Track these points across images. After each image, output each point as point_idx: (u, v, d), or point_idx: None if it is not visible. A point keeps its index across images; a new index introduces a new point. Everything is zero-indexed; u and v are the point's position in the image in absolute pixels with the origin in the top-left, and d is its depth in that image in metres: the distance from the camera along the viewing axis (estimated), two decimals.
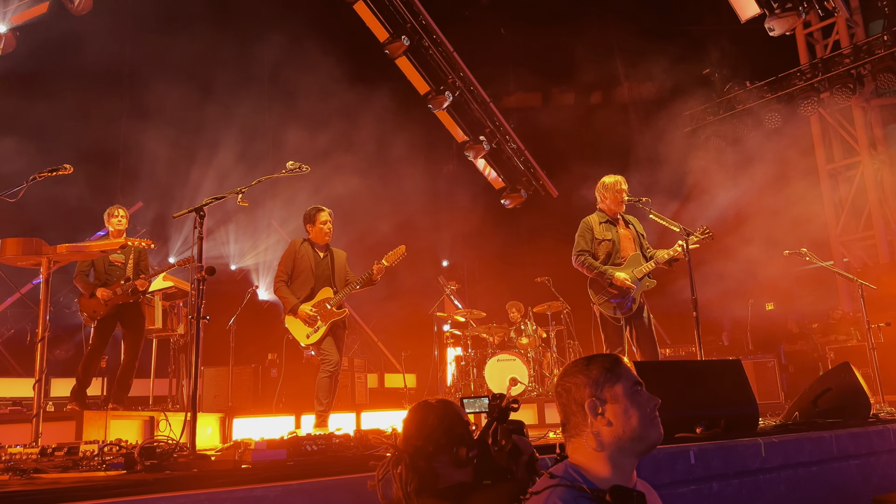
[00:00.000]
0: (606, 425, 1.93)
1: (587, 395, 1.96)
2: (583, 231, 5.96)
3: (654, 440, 1.95)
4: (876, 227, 12.33)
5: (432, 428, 2.24)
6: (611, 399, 1.95)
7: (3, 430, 5.29)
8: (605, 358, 2.02)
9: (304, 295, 6.10)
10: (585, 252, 5.88)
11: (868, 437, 4.38)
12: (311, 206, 6.32)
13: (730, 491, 3.54)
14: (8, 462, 3.44)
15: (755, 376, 9.31)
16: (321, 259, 6.26)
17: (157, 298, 7.61)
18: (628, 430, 1.92)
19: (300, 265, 6.19)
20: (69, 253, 4.84)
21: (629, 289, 5.68)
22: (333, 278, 6.23)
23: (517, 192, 13.59)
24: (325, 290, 6.13)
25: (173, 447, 3.52)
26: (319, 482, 2.55)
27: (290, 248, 6.29)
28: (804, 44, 13.13)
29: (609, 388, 1.95)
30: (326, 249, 6.33)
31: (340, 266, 6.33)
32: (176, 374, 8.06)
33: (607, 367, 1.98)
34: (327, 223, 6.26)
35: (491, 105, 12.81)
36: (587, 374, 1.99)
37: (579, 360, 2.06)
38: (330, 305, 6.07)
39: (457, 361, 9.70)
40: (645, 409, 1.94)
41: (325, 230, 6.24)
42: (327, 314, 6.06)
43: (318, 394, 5.99)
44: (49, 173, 4.91)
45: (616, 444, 1.92)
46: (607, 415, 1.94)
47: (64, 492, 2.39)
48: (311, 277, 6.14)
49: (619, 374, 1.97)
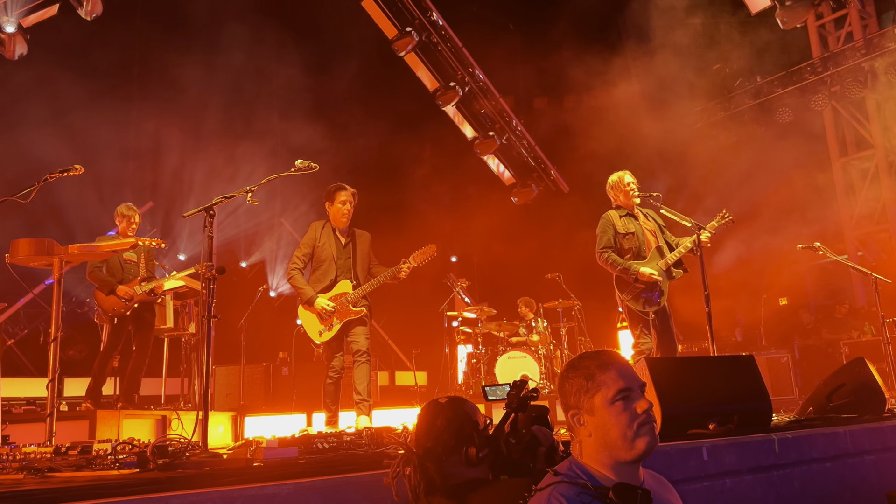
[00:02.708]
0: (588, 436, 1.90)
1: (571, 404, 1.94)
2: (604, 227, 5.84)
3: (640, 451, 1.86)
4: (890, 221, 12.22)
5: (441, 429, 2.23)
6: (588, 411, 1.90)
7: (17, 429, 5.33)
8: (590, 363, 1.94)
9: (324, 286, 5.64)
10: (608, 248, 5.77)
11: (883, 433, 4.34)
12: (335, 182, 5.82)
13: (743, 487, 3.52)
14: (22, 461, 3.47)
15: (768, 372, 9.25)
16: (343, 246, 5.73)
17: (168, 298, 7.64)
18: (608, 443, 1.87)
19: (320, 253, 5.68)
20: (81, 253, 4.87)
21: (656, 282, 5.64)
22: (355, 268, 5.70)
23: (528, 188, 13.55)
24: (344, 282, 5.65)
25: (185, 446, 3.54)
26: (331, 480, 2.54)
27: (309, 233, 5.77)
28: (816, 36, 13.01)
29: (588, 399, 1.90)
30: (349, 234, 5.79)
31: (363, 253, 5.78)
32: (188, 373, 8.10)
33: (588, 376, 1.91)
34: (346, 203, 5.70)
35: (501, 101, 12.78)
36: (571, 381, 1.94)
37: (572, 360, 2.01)
38: (347, 301, 5.61)
39: (468, 359, 9.69)
40: (624, 423, 1.85)
41: (343, 211, 5.69)
42: (344, 311, 5.61)
43: (325, 399, 5.75)
44: (60, 174, 4.94)
45: (600, 453, 1.89)
46: (588, 426, 1.90)
47: (77, 490, 2.40)
48: (332, 267, 5.65)
49: (601, 384, 1.89)
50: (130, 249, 6.31)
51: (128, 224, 6.66)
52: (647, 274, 5.59)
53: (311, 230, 5.79)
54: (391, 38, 11.55)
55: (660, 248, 5.78)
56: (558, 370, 9.22)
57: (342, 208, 5.69)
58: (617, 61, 11.72)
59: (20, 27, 8.73)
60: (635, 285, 5.66)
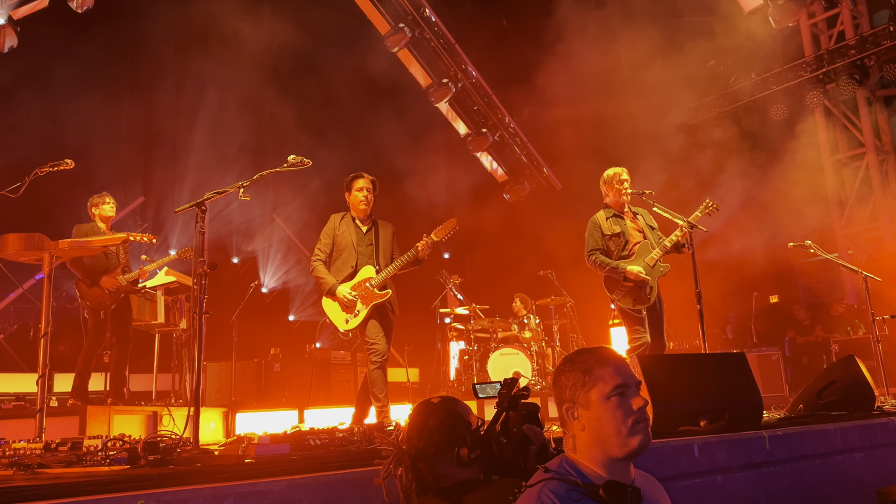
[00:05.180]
0: (581, 430, 1.90)
1: (566, 397, 1.94)
2: (591, 231, 5.90)
3: (633, 448, 1.87)
4: (881, 219, 12.29)
5: (433, 430, 2.22)
6: (583, 405, 1.90)
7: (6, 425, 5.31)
8: (587, 358, 1.95)
9: (346, 274, 5.51)
10: (596, 251, 5.82)
11: (872, 430, 4.37)
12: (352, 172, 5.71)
13: (734, 484, 3.53)
14: (12, 457, 3.45)
15: (759, 369, 9.30)
16: (364, 234, 5.61)
17: (159, 293, 7.61)
18: (602, 438, 1.87)
19: (340, 242, 5.58)
20: (71, 248, 4.85)
21: (644, 280, 5.67)
22: (377, 255, 5.56)
23: (521, 185, 13.57)
24: (366, 268, 5.51)
25: (176, 442, 3.52)
26: (323, 476, 2.54)
27: (328, 224, 5.68)
28: (809, 35, 13.05)
29: (584, 392, 1.90)
30: (371, 222, 5.68)
31: (386, 241, 5.66)
32: (179, 370, 8.07)
33: (585, 371, 1.92)
34: (363, 191, 5.57)
35: (493, 97, 12.77)
36: (568, 375, 1.95)
37: (569, 355, 2.02)
38: (371, 286, 5.44)
39: (460, 355, 9.70)
40: (618, 418, 1.86)
41: (360, 198, 5.57)
42: (369, 296, 5.43)
43: (373, 389, 5.35)
44: (51, 168, 4.91)
45: (592, 449, 1.89)
46: (582, 420, 1.90)
47: (68, 486, 2.38)
48: (353, 254, 5.53)
49: (597, 379, 1.90)
50: (122, 244, 6.27)
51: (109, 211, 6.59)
52: (636, 272, 5.63)
53: (329, 221, 5.70)
54: (384, 33, 11.52)
55: (645, 245, 5.80)
56: (550, 367, 9.24)
57: (359, 195, 5.58)
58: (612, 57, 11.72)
59: (10, 19, 8.67)
60: (624, 284, 5.69)
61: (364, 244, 5.57)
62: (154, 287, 7.60)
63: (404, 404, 7.73)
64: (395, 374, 11.08)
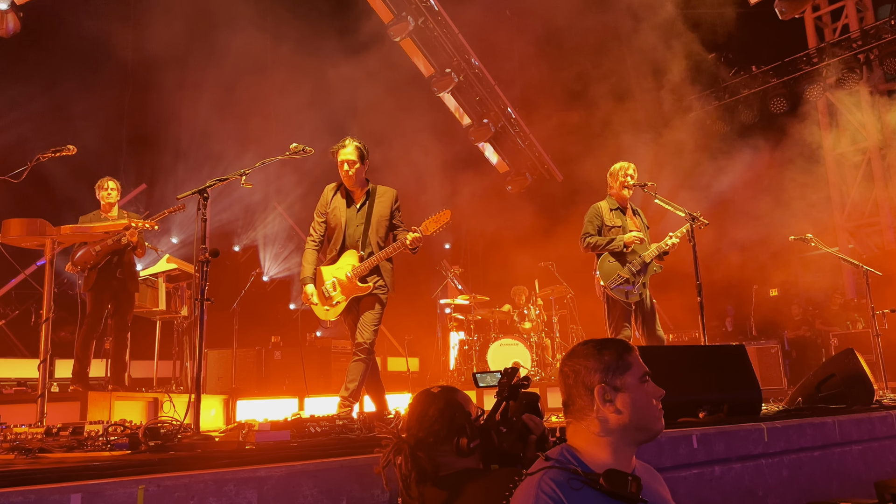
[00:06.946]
0: (614, 412, 1.91)
1: (597, 380, 1.94)
2: (591, 216, 5.93)
3: (656, 431, 1.96)
4: (882, 214, 12.28)
5: (432, 419, 2.23)
6: (621, 387, 1.93)
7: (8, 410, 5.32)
8: (618, 344, 2.00)
9: (329, 259, 5.00)
10: (593, 235, 5.87)
11: (871, 423, 4.39)
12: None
13: (732, 475, 3.55)
14: (13, 441, 3.46)
15: (758, 362, 9.32)
16: (356, 211, 4.99)
17: (160, 281, 7.62)
18: (635, 420, 1.91)
19: (331, 220, 5.02)
20: (73, 234, 4.85)
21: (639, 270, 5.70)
22: (366, 235, 4.94)
23: (522, 176, 13.54)
24: (349, 253, 4.93)
25: (177, 428, 3.53)
26: (323, 463, 2.55)
27: (321, 199, 5.10)
28: (812, 27, 13.01)
29: (620, 376, 1.93)
30: (364, 194, 5.02)
31: (381, 216, 4.99)
32: (180, 356, 8.09)
33: (620, 355, 1.96)
34: (344, 165, 4.91)
35: (496, 88, 12.73)
36: (599, 358, 1.96)
37: (590, 342, 2.02)
38: (352, 276, 4.87)
39: (460, 346, 9.72)
40: (651, 401, 1.94)
41: (343, 172, 4.94)
42: (349, 287, 4.90)
43: (346, 378, 4.87)
44: (53, 154, 4.90)
45: (620, 432, 1.91)
46: (617, 403, 1.92)
47: (69, 471, 2.39)
48: (341, 235, 4.97)
49: (631, 363, 1.95)
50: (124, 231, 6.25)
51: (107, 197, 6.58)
52: (632, 237, 5.72)
53: (322, 195, 5.11)
54: (387, 22, 11.47)
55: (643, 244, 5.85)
56: (550, 358, 9.26)
57: (341, 170, 4.97)
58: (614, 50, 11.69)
59: (13, 4, 8.64)
60: (619, 275, 5.71)
61: (353, 224, 4.97)
62: (156, 274, 7.61)
63: (404, 393, 7.74)
64: (395, 363, 11.12)
